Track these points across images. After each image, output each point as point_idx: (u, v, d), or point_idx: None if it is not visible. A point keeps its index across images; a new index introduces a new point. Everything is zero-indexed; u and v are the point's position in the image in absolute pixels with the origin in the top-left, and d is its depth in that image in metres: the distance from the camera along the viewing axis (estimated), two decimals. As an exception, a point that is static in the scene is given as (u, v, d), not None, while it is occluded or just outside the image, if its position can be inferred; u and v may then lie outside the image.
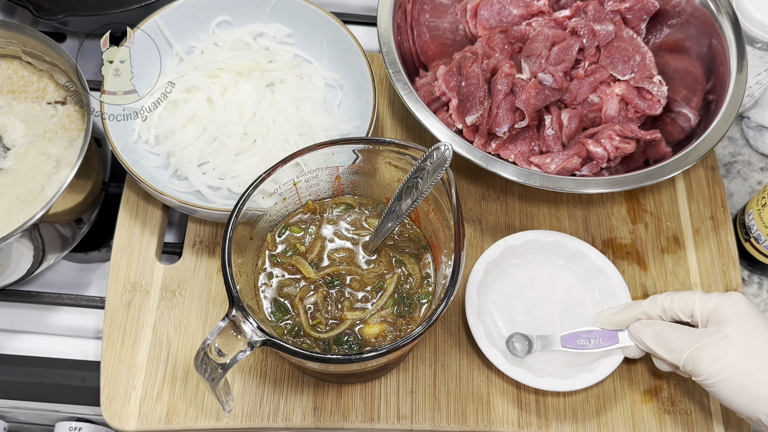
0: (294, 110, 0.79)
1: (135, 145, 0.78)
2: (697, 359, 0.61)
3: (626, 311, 0.68)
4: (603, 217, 0.83)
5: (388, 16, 0.78)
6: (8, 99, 0.78)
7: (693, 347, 0.62)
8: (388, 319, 0.63)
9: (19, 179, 0.73)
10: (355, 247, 0.67)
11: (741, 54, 0.76)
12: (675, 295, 0.66)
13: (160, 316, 0.75)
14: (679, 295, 0.65)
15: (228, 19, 0.85)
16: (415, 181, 0.58)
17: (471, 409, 0.71)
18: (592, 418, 0.72)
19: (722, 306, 0.63)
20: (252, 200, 0.60)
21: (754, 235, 0.80)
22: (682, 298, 0.65)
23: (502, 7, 0.83)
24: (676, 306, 0.65)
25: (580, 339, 0.69)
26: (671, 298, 0.66)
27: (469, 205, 0.83)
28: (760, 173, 0.91)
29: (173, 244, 0.82)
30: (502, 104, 0.75)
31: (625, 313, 0.68)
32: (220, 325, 0.54)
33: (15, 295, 0.80)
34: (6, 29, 0.77)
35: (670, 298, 0.66)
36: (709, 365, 0.61)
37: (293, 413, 0.71)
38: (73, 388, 0.76)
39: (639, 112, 0.80)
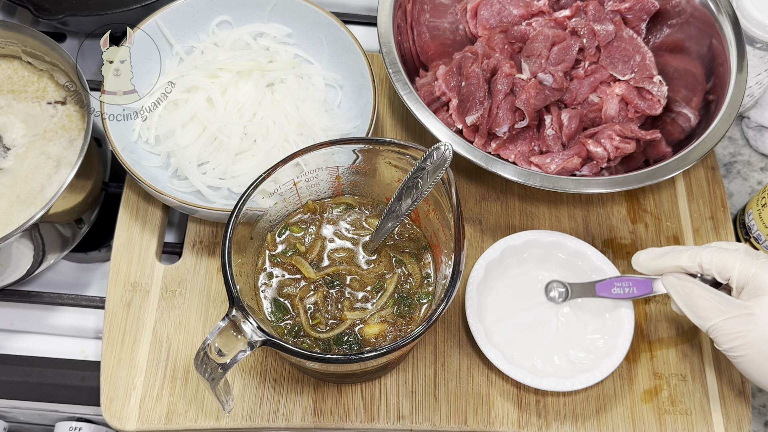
0: (294, 110, 0.79)
1: (135, 145, 0.78)
2: (720, 331, 0.61)
3: (666, 258, 0.66)
4: (603, 217, 0.83)
5: (388, 16, 0.78)
6: (8, 99, 0.78)
7: (718, 318, 0.61)
8: (388, 319, 0.63)
9: (19, 179, 0.73)
10: (355, 247, 0.67)
11: (741, 54, 0.76)
12: (717, 252, 0.63)
13: (160, 316, 0.75)
14: (720, 255, 0.62)
15: (228, 19, 0.85)
16: (415, 181, 0.58)
17: (471, 409, 0.71)
18: (592, 418, 0.72)
19: (761, 276, 0.60)
20: (252, 200, 0.60)
21: (754, 235, 0.80)
22: (723, 259, 0.62)
23: (502, 7, 0.83)
24: (714, 267, 0.63)
25: (615, 287, 0.68)
26: (711, 256, 0.63)
27: (469, 205, 0.83)
28: (760, 173, 0.91)
29: (173, 244, 0.82)
30: (502, 104, 0.75)
31: (664, 260, 0.66)
32: (220, 325, 0.54)
33: (15, 295, 0.80)
34: (6, 29, 0.77)
35: (711, 256, 0.63)
36: (730, 340, 0.61)
37: (293, 413, 0.71)
38: (73, 388, 0.76)
39: (639, 112, 0.80)
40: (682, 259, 0.64)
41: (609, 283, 0.69)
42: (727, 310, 0.61)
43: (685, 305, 0.64)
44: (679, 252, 0.65)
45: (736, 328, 0.60)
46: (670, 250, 0.66)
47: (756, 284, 0.61)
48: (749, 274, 0.61)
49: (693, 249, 0.64)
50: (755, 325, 0.60)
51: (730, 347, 0.61)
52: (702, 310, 0.62)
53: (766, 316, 0.60)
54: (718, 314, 0.61)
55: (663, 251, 0.67)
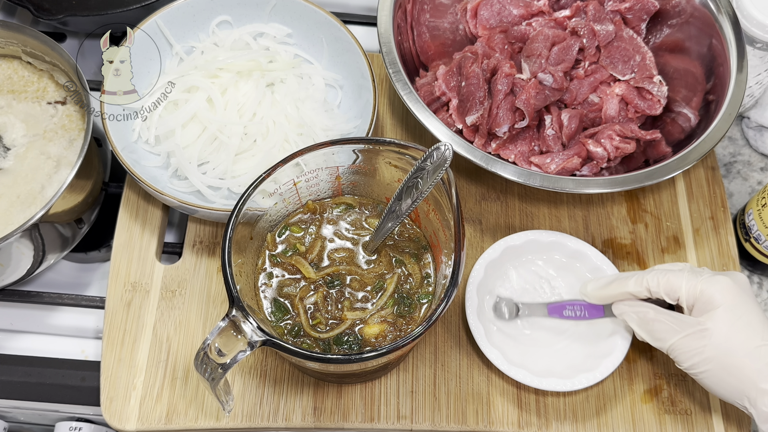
0: (294, 110, 0.79)
1: (135, 145, 0.78)
2: (678, 350, 0.62)
3: (613, 287, 0.67)
4: (603, 217, 0.83)
5: (388, 16, 0.78)
6: (8, 99, 0.78)
7: (675, 338, 0.62)
8: (388, 319, 0.63)
9: (19, 179, 0.73)
10: (355, 247, 0.67)
11: (741, 54, 0.76)
12: (662, 275, 0.64)
13: (160, 316, 0.75)
14: (666, 277, 0.63)
15: (228, 19, 0.85)
16: (415, 181, 0.58)
17: (471, 409, 0.71)
18: (592, 418, 0.72)
19: (708, 292, 0.61)
20: (252, 200, 0.60)
21: (754, 235, 0.80)
22: (669, 281, 0.63)
23: (502, 7, 0.83)
24: (662, 289, 0.64)
25: (566, 309, 0.69)
26: (657, 280, 0.64)
27: (469, 205, 0.83)
28: (760, 173, 0.91)
29: (173, 244, 0.82)
30: (502, 104, 0.75)
31: (611, 289, 0.67)
32: (220, 325, 0.54)
33: (15, 295, 0.80)
34: (6, 29, 0.77)
35: (657, 279, 0.64)
36: (689, 358, 0.62)
37: (293, 413, 0.71)
38: (73, 388, 0.76)
39: (639, 112, 0.80)
40: (629, 286, 0.65)
41: (561, 306, 0.70)
42: (681, 329, 0.62)
43: (641, 330, 0.65)
44: (625, 279, 0.66)
45: (693, 345, 0.61)
46: (616, 278, 0.67)
47: (704, 300, 0.62)
48: (696, 291, 0.62)
49: (638, 274, 0.65)
50: (710, 339, 0.61)
51: (690, 365, 0.62)
52: (658, 332, 0.63)
53: (718, 329, 0.60)
54: (674, 334, 0.62)
55: (609, 279, 0.68)
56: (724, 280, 0.62)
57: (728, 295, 0.61)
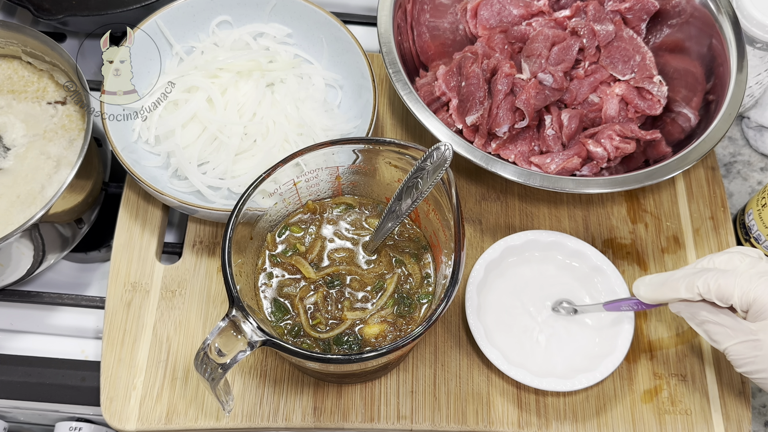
0: (294, 110, 0.79)
1: (135, 145, 0.78)
2: (733, 356, 0.62)
3: (665, 292, 0.65)
4: (603, 217, 0.83)
5: (388, 16, 0.78)
6: (8, 99, 0.78)
7: (729, 343, 0.61)
8: (388, 319, 0.63)
9: (19, 179, 0.73)
10: (355, 247, 0.67)
11: (741, 54, 0.76)
12: (713, 279, 0.61)
13: (160, 316, 0.75)
14: (717, 282, 0.61)
15: (228, 19, 0.85)
16: (415, 181, 0.58)
17: (471, 409, 0.71)
18: (592, 418, 0.72)
19: (761, 300, 0.59)
20: (252, 200, 0.60)
21: (754, 235, 0.80)
22: (720, 287, 0.61)
23: (502, 7, 0.83)
24: (714, 295, 0.61)
25: (623, 306, 0.69)
26: (708, 285, 0.61)
27: (469, 205, 0.83)
28: (760, 173, 0.91)
29: (173, 244, 0.82)
30: (502, 104, 0.75)
31: (663, 293, 0.65)
32: (220, 325, 0.54)
33: (15, 295, 0.80)
34: (6, 29, 0.77)
35: (707, 285, 0.61)
36: (744, 365, 0.61)
37: (293, 413, 0.71)
38: (73, 388, 0.76)
39: (639, 112, 0.80)
40: (681, 291, 0.63)
41: (617, 304, 0.69)
42: (735, 335, 0.61)
43: (698, 328, 0.64)
44: (676, 281, 0.64)
45: (746, 353, 0.61)
46: (668, 279, 0.65)
47: (759, 307, 0.60)
48: (750, 299, 0.60)
49: (689, 277, 0.63)
50: (762, 351, 0.60)
51: (745, 371, 0.62)
52: (713, 334, 0.63)
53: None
54: (728, 339, 0.61)
55: (661, 280, 0.66)
56: None
57: None
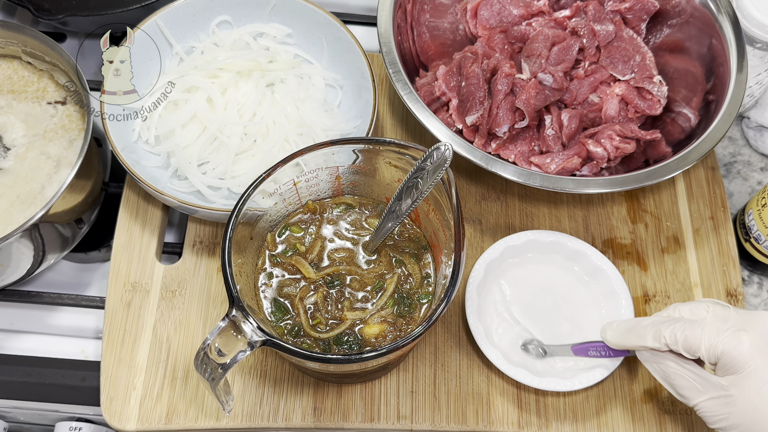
0: (294, 110, 0.79)
1: (135, 145, 0.78)
2: (705, 412, 0.59)
3: (632, 338, 0.63)
4: (603, 217, 0.83)
5: (388, 16, 0.78)
6: (8, 99, 0.78)
7: (699, 399, 0.59)
8: (388, 319, 0.63)
9: (19, 179, 0.73)
10: (355, 247, 0.67)
11: (741, 54, 0.76)
12: (680, 330, 0.59)
13: (160, 316, 0.75)
14: (684, 333, 0.59)
15: (228, 19, 0.85)
16: (415, 181, 0.58)
17: (471, 409, 0.71)
18: (592, 418, 0.72)
19: (729, 355, 0.57)
20: (252, 200, 0.60)
21: (754, 235, 0.80)
22: (687, 339, 0.59)
23: (502, 7, 0.83)
24: (681, 346, 0.59)
25: (591, 350, 0.68)
26: (675, 336, 0.59)
27: (469, 205, 0.83)
28: (760, 173, 0.91)
29: (173, 244, 0.82)
30: (502, 104, 0.75)
31: (630, 340, 0.63)
32: (220, 325, 0.54)
33: (15, 295, 0.80)
34: (6, 29, 0.77)
35: (674, 336, 0.60)
36: (716, 422, 0.59)
37: (293, 413, 0.71)
38: (73, 388, 0.76)
39: (639, 112, 0.80)
40: (647, 340, 0.61)
41: (585, 347, 0.68)
42: (705, 390, 0.58)
43: (665, 382, 0.62)
44: (643, 329, 0.62)
45: (718, 409, 0.58)
46: (635, 326, 0.63)
47: (726, 362, 0.58)
48: (718, 352, 0.58)
49: (656, 326, 0.61)
50: (735, 408, 0.57)
51: (719, 427, 0.59)
52: (682, 389, 0.60)
53: (743, 398, 0.57)
54: (698, 394, 0.59)
55: (628, 327, 0.64)
56: (748, 340, 0.57)
57: (752, 357, 0.57)
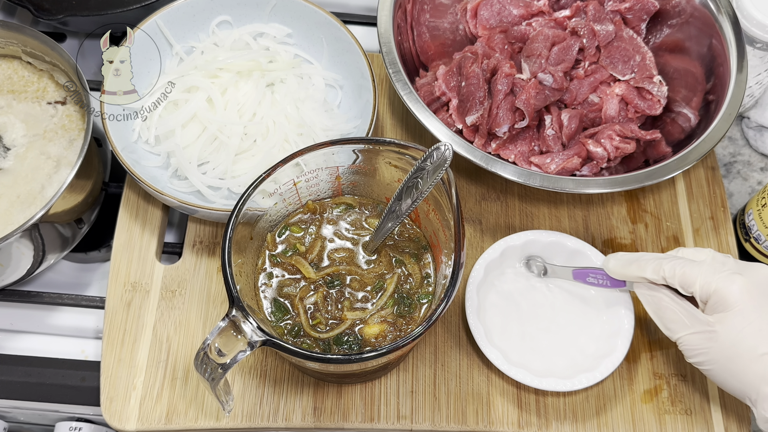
0: (294, 110, 0.79)
1: (135, 145, 0.78)
2: (686, 345, 0.62)
3: (632, 268, 0.65)
4: (603, 217, 0.83)
5: (388, 16, 0.78)
6: (8, 99, 0.78)
7: (683, 332, 0.62)
8: (388, 319, 0.63)
9: (19, 179, 0.73)
10: (355, 247, 0.67)
11: (741, 54, 0.76)
12: (679, 266, 0.62)
13: (160, 316, 0.75)
14: (683, 268, 0.62)
15: (228, 19, 0.85)
16: (415, 181, 0.58)
17: (471, 409, 0.71)
18: (592, 418, 0.72)
19: (721, 292, 0.60)
20: (252, 200, 0.60)
21: (754, 235, 0.80)
22: (684, 273, 0.62)
23: (502, 7, 0.83)
24: (677, 280, 0.62)
25: (590, 276, 0.70)
26: (674, 270, 0.62)
27: (469, 205, 0.83)
28: (760, 173, 0.91)
29: (173, 244, 0.82)
30: (502, 104, 0.75)
31: (631, 270, 0.65)
32: (220, 325, 0.54)
33: (15, 295, 0.80)
34: (6, 29, 0.77)
35: (673, 270, 0.62)
36: (695, 355, 0.62)
37: (293, 413, 0.71)
38: (73, 388, 0.76)
39: (639, 112, 0.80)
40: (647, 271, 0.64)
41: (585, 272, 0.70)
42: (691, 325, 0.62)
43: (654, 315, 0.65)
44: (645, 261, 0.64)
45: (700, 344, 0.61)
46: (638, 258, 0.66)
47: (717, 299, 0.60)
48: (710, 289, 0.61)
49: (657, 260, 0.64)
50: (716, 343, 0.60)
51: (695, 361, 0.62)
52: (669, 321, 0.63)
53: (726, 335, 0.60)
54: (683, 328, 0.62)
55: (631, 258, 0.66)
56: (741, 282, 0.60)
57: (743, 298, 0.60)
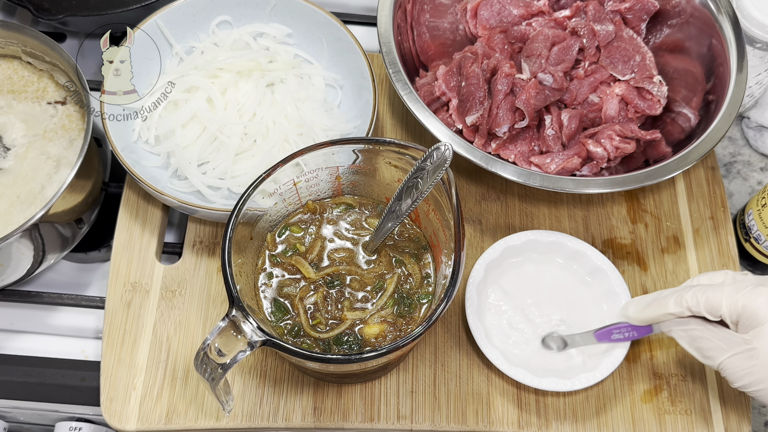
0: (294, 110, 0.79)
1: (135, 145, 0.78)
2: (729, 370, 0.60)
3: (653, 309, 0.64)
4: (603, 217, 0.83)
5: (388, 16, 0.78)
6: (8, 99, 0.78)
7: (723, 357, 0.60)
8: (388, 319, 0.63)
9: (19, 179, 0.73)
10: (355, 247, 0.67)
11: (741, 54, 0.76)
12: (701, 292, 0.61)
13: (160, 316, 0.75)
14: (705, 295, 0.61)
15: (228, 19, 0.85)
16: (415, 181, 0.58)
17: (471, 409, 0.71)
18: (592, 418, 0.72)
19: (750, 308, 0.58)
20: (252, 200, 0.60)
21: (754, 235, 0.80)
22: (708, 299, 0.60)
23: (502, 7, 0.83)
24: (703, 308, 0.61)
25: (614, 333, 0.68)
26: (697, 298, 0.61)
27: (469, 205, 0.83)
28: (760, 173, 0.91)
29: (173, 244, 0.82)
30: (502, 104, 0.75)
31: (651, 311, 0.64)
32: (220, 325, 0.54)
33: (15, 295, 0.80)
34: (6, 29, 0.77)
35: (696, 298, 0.61)
36: (740, 378, 0.60)
37: (293, 413, 0.71)
38: (73, 388, 0.76)
39: (639, 112, 0.80)
40: (669, 307, 0.63)
41: (608, 331, 0.68)
42: (729, 348, 0.60)
43: (690, 347, 0.63)
44: (664, 299, 0.63)
45: (742, 365, 0.59)
46: (656, 297, 0.65)
47: (748, 316, 0.59)
48: (738, 308, 0.59)
49: (677, 293, 0.63)
50: (759, 360, 0.58)
51: (742, 385, 0.60)
52: (707, 350, 0.61)
53: (766, 348, 0.58)
54: (722, 353, 0.60)
55: (649, 299, 0.65)
56: (766, 293, 0.59)
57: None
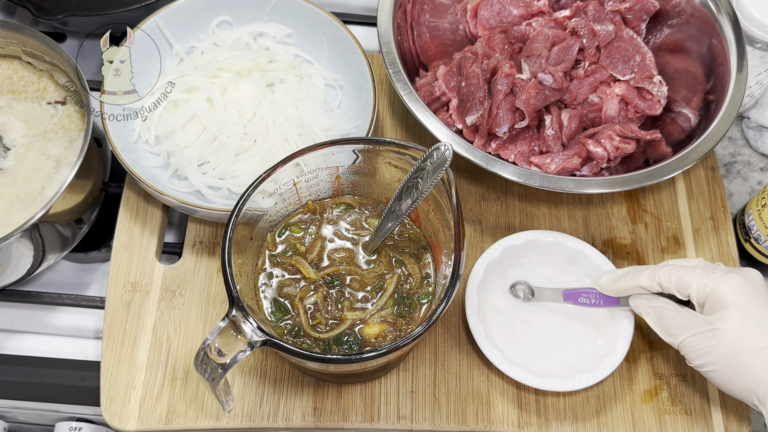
0: (294, 110, 0.79)
1: (135, 145, 0.78)
2: (689, 348, 0.63)
3: (626, 280, 0.67)
4: (603, 217, 0.83)
5: (388, 16, 0.78)
6: (8, 99, 0.78)
7: (685, 335, 0.62)
8: (388, 319, 0.63)
9: (19, 179, 0.73)
10: (355, 247, 0.67)
11: (741, 54, 0.76)
12: (674, 271, 0.64)
13: (160, 316, 0.75)
14: (678, 273, 0.63)
15: (228, 19, 0.85)
16: (415, 181, 0.58)
17: (471, 409, 0.71)
18: (592, 418, 0.72)
19: (718, 291, 0.61)
20: (252, 200, 0.60)
21: (754, 235, 0.80)
22: (680, 277, 0.63)
23: (502, 7, 0.83)
24: (673, 285, 0.64)
25: (581, 297, 0.69)
26: (669, 275, 0.64)
27: (469, 205, 0.83)
28: (760, 173, 0.91)
29: (173, 244, 0.82)
30: (502, 104, 0.75)
31: (624, 282, 0.67)
32: (220, 325, 0.54)
33: (15, 295, 0.80)
34: (6, 29, 0.77)
35: (669, 275, 0.64)
36: (698, 357, 0.62)
37: (293, 413, 0.71)
38: (73, 388, 0.76)
39: (639, 112, 0.80)
40: (642, 280, 0.65)
41: (576, 292, 0.70)
42: (692, 327, 0.62)
43: (654, 323, 0.65)
44: (638, 272, 0.66)
45: (703, 343, 0.62)
46: (630, 271, 0.67)
47: (715, 298, 0.62)
48: (707, 290, 0.62)
49: (651, 269, 0.65)
50: (720, 340, 0.61)
51: (699, 363, 0.63)
52: (671, 327, 0.64)
53: (728, 330, 0.61)
54: (685, 331, 0.63)
55: (623, 272, 0.68)
56: (736, 279, 0.61)
57: (739, 294, 0.61)
